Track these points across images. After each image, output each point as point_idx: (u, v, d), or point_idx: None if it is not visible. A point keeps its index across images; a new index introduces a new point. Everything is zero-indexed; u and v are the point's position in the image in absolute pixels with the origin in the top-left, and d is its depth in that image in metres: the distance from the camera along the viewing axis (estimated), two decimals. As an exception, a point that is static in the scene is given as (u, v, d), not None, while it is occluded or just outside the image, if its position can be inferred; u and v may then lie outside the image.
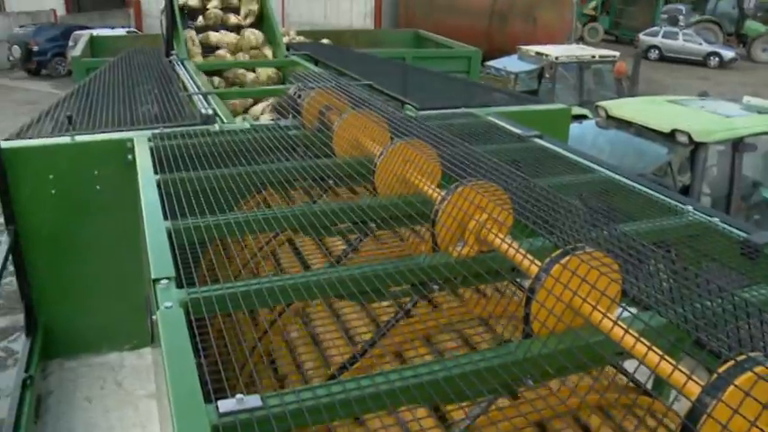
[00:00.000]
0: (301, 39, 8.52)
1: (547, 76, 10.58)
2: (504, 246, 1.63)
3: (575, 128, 5.45)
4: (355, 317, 1.84)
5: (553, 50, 10.99)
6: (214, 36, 5.83)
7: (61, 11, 29.18)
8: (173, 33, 5.50)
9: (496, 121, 3.27)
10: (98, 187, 2.89)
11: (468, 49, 8.86)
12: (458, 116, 3.33)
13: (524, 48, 11.49)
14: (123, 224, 2.86)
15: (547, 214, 1.70)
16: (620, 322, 1.25)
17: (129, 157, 2.78)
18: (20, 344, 3.68)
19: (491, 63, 11.29)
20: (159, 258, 1.67)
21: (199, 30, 5.91)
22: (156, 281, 1.57)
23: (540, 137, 3.03)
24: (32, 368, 2.83)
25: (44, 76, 22.30)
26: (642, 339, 1.19)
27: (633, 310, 1.29)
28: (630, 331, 1.21)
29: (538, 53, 10.92)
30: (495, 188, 1.81)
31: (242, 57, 5.69)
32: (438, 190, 1.95)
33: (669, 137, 5.43)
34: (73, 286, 3.05)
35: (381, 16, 22.30)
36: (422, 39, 10.32)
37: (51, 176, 2.86)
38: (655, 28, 23.26)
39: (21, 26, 24.32)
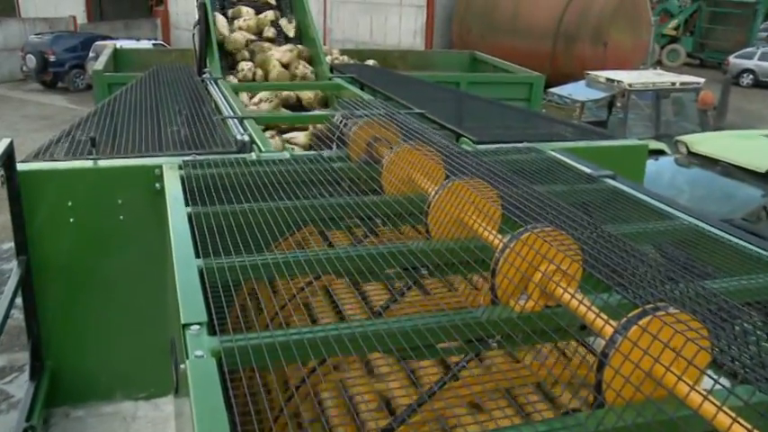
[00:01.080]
0: (345, 59, 8.72)
1: (618, 105, 10.55)
2: (574, 301, 1.65)
3: (650, 164, 5.41)
4: (397, 377, 1.85)
5: (626, 76, 10.98)
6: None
7: (82, 19, 30.49)
8: (206, 49, 5.72)
9: (562, 157, 3.30)
10: (121, 217, 2.99)
11: (529, 74, 8.94)
12: (519, 151, 3.38)
13: (593, 73, 11.52)
14: (147, 259, 2.96)
15: (621, 266, 1.71)
16: (711, 397, 1.24)
17: (157, 185, 2.89)
18: (16, 386, 3.79)
19: (555, 90, 11.35)
20: (190, 301, 1.72)
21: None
22: (186, 326, 1.60)
23: (611, 177, 3.05)
24: (35, 417, 2.88)
25: (60, 90, 23.12)
26: (740, 420, 1.18)
27: (726, 383, 1.29)
28: (725, 409, 1.20)
29: (608, 79, 10.93)
30: (563, 235, 1.84)
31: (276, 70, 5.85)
32: (499, 236, 1.98)
33: (765, 177, 5.32)
34: (86, 325, 3.13)
35: (433, 35, 22.63)
36: (478, 61, 10.45)
37: (70, 203, 2.96)
38: (749, 49, 22.81)
39: (37, 34, 25.15)
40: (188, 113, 4.06)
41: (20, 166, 2.92)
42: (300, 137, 4.67)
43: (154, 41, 23.76)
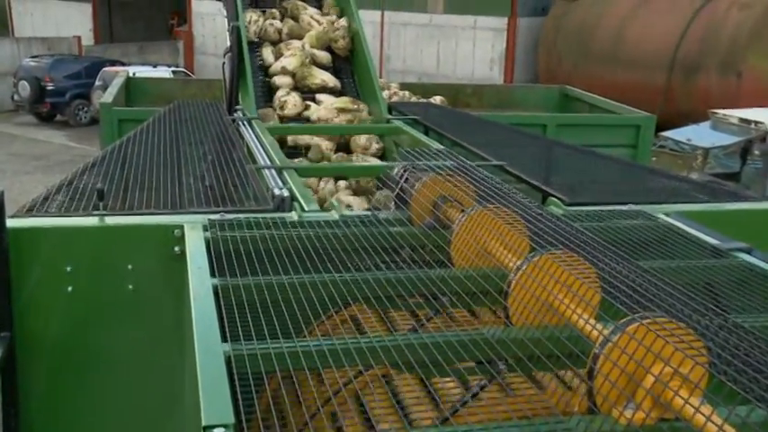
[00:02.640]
0: (405, 95, 8.91)
1: (756, 153, 10.37)
2: (699, 416, 1.63)
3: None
4: None
5: (766, 116, 10.81)
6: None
7: (88, 40, 31.84)
8: (239, 82, 5.93)
9: (679, 224, 3.29)
10: (131, 287, 3.07)
11: (636, 114, 8.94)
12: (623, 216, 3.38)
13: (721, 112, 11.39)
14: (161, 341, 3.03)
15: (764, 373, 1.69)
16: None
17: (177, 249, 2.98)
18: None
19: (669, 134, 11.31)
20: (213, 396, 1.76)
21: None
22: (207, 429, 1.64)
23: (746, 250, 3.01)
24: None
25: (59, 124, 23.98)
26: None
27: None
28: None
29: (742, 120, 10.79)
30: (682, 328, 1.83)
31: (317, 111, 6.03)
32: (598, 325, 1.99)
33: None
34: (80, 422, 3.14)
35: (514, 65, 22.92)
36: (570, 98, 10.52)
37: (69, 269, 3.01)
38: None
39: (33, 56, 26.01)
40: (215, 160, 4.20)
41: (9, 222, 2.96)
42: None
43: (174, 68, 24.54)
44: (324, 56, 6.93)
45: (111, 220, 3.13)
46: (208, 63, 29.72)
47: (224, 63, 6.71)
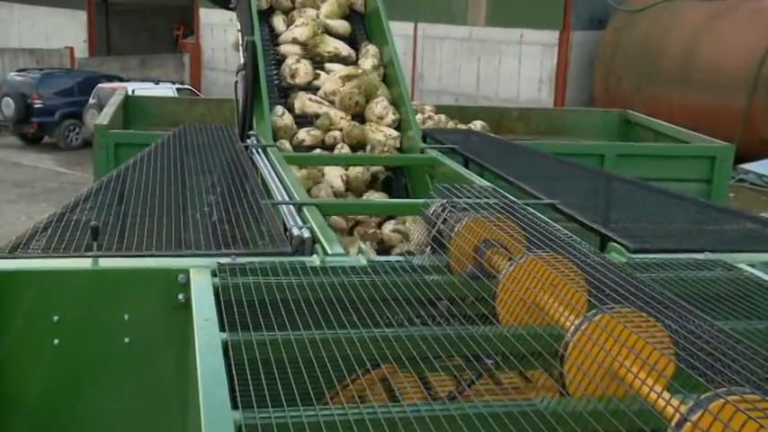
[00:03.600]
0: (441, 119, 8.94)
1: None
2: None
3: None
4: None
5: None
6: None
7: (82, 52, 32.43)
8: (253, 104, 5.99)
9: (765, 276, 3.25)
10: (127, 340, 3.07)
11: (711, 143, 8.90)
12: (698, 265, 3.34)
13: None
14: (160, 403, 3.02)
15: None
16: None
17: (181, 297, 2.99)
18: None
19: (750, 166, 11.23)
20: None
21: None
22: None
23: None
24: None
25: (47, 147, 24.28)
26: None
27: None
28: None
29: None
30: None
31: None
32: (672, 400, 1.95)
33: None
34: None
35: (566, 86, 22.93)
36: (632, 125, 10.51)
37: (56, 318, 3.01)
38: None
39: (19, 70, 26.38)
40: (225, 193, 4.22)
41: (-11, 265, 2.98)
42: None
43: (179, 86, 24.79)
44: (341, 25, 7.25)
45: (105, 263, 3.15)
46: (217, 80, 30.08)
47: (236, 82, 6.79)
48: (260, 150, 5.44)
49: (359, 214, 5.34)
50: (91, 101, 22.95)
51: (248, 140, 5.84)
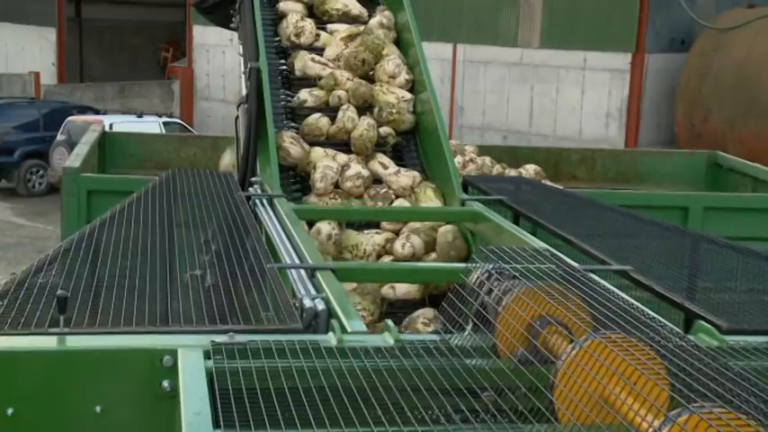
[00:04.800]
0: (485, 162, 8.96)
1: None
2: None
3: None
4: None
5: None
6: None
7: (50, 78, 32.68)
8: (257, 144, 6.02)
9: None
10: (98, 439, 3.07)
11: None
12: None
13: None
14: None
15: None
16: None
17: (166, 384, 2.98)
18: None
19: None
20: None
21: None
22: None
23: None
24: None
25: (3, 192, 24.38)
26: None
27: None
28: None
29: None
30: None
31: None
32: (647, 416, 1.94)
33: None
34: None
35: (640, 121, 22.86)
36: (724, 170, 10.48)
37: (10, 411, 2.98)
38: None
39: (-28, 101, 26.60)
40: (221, 253, 4.24)
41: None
42: None
43: (167, 119, 24.99)
44: None
45: (74, 342, 3.14)
46: (213, 112, 30.32)
47: (237, 117, 6.84)
48: (265, 201, 5.47)
49: (384, 281, 5.34)
50: (59, 137, 23.06)
51: (251, 189, 5.87)
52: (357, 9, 7.62)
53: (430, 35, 21.49)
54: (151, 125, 22.59)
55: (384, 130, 6.73)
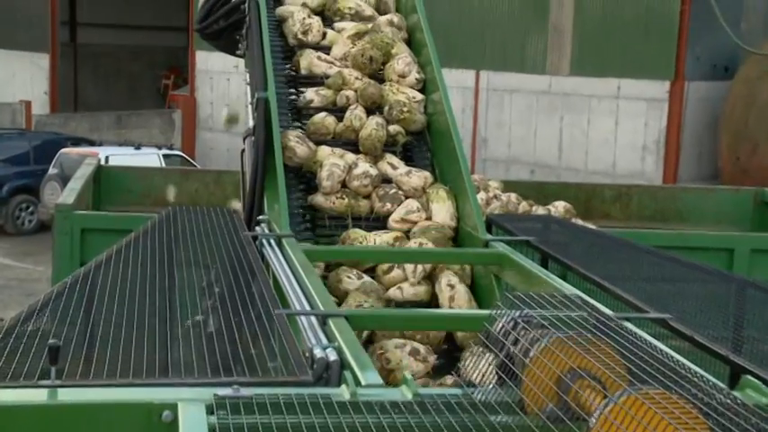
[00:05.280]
0: (511, 199, 8.96)
1: None
2: None
3: None
4: None
5: None
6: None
7: (41, 106, 32.78)
8: (264, 180, 6.04)
9: None
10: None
11: None
12: None
13: None
14: None
15: None
16: None
17: (165, 442, 2.99)
18: None
19: None
20: None
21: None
22: None
23: None
24: None
25: (-9, 231, 24.40)
26: None
27: None
28: None
29: None
30: None
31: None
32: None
33: None
34: None
35: (679, 154, 22.78)
36: (773, 208, 10.45)
37: None
38: None
39: (-44, 132, 26.58)
40: (225, 297, 4.24)
41: None
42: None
43: (167, 152, 25.03)
44: None
45: (66, 395, 3.13)
46: (217, 143, 30.41)
47: (243, 150, 6.87)
48: (272, 242, 5.48)
49: (403, 329, 5.34)
50: (51, 171, 23.14)
51: (257, 228, 5.89)
52: (370, 10, 7.86)
53: (450, 61, 21.57)
54: (150, 158, 22.68)
55: (393, 128, 6.94)
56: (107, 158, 19.17)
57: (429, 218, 6.40)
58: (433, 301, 5.89)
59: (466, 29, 25.14)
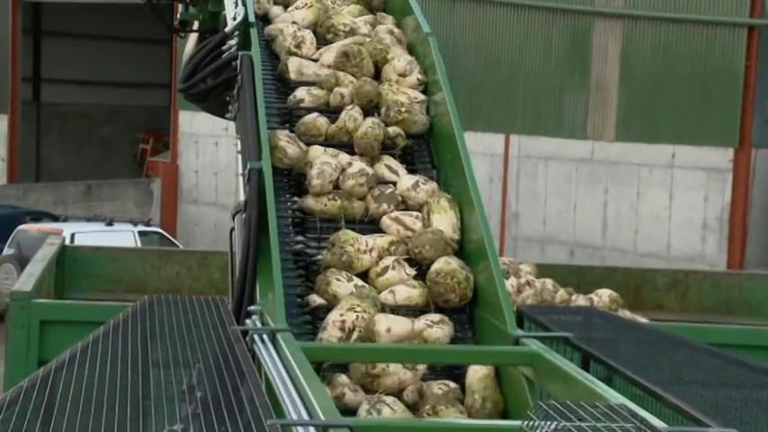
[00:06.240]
0: (547, 286, 8.95)
1: None
2: None
3: None
4: None
5: None
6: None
7: (-2, 178, 32.85)
8: (257, 264, 6.06)
9: None
10: None
11: None
12: None
13: None
14: None
15: None
16: None
17: None
18: None
19: None
20: None
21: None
22: None
23: None
24: None
25: (-67, 322, 24.47)
26: None
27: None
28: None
29: None
30: None
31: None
32: None
33: None
34: None
35: (746, 234, 22.70)
36: None
37: None
38: None
39: None
40: (209, 405, 4.23)
41: None
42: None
43: (143, 228, 25.07)
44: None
45: None
46: (203, 219, 30.50)
47: (232, 229, 6.89)
48: (266, 338, 5.46)
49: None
50: (6, 251, 23.18)
51: (248, 321, 5.87)
52: (366, 28, 8.24)
53: (476, 124, 21.79)
54: (124, 236, 22.72)
55: (393, 129, 7.22)
56: (73, 237, 19.25)
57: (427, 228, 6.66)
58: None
59: (493, 86, 25.34)
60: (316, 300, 6.25)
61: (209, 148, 30.64)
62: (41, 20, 39.63)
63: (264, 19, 8.56)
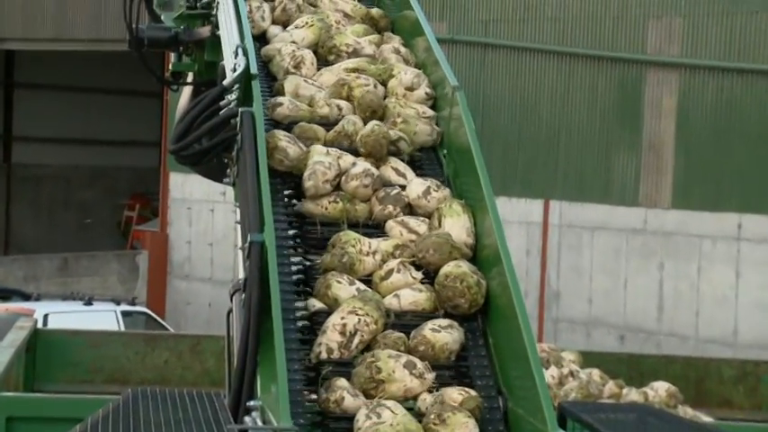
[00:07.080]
0: (594, 378, 8.94)
1: None
2: None
3: None
4: None
5: None
6: None
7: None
8: (257, 352, 6.07)
9: None
10: None
11: None
12: None
13: None
14: None
15: None
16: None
17: None
18: None
19: None
20: None
21: None
22: None
23: None
24: None
25: None
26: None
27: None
28: None
29: None
30: None
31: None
32: None
33: None
34: None
35: None
36: None
37: None
38: None
39: None
40: None
41: None
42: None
43: (127, 307, 25.12)
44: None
45: None
46: (196, 297, 30.48)
47: (230, 311, 6.88)
48: (270, 436, 5.46)
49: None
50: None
51: (247, 418, 5.85)
52: (371, 48, 8.55)
53: (510, 188, 21.81)
54: (105, 317, 22.71)
55: (395, 132, 7.56)
56: (46, 318, 19.29)
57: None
58: None
59: (531, 144, 25.31)
60: (315, 304, 6.41)
61: (203, 215, 30.68)
62: (14, 70, 39.91)
63: (262, 38, 8.79)
